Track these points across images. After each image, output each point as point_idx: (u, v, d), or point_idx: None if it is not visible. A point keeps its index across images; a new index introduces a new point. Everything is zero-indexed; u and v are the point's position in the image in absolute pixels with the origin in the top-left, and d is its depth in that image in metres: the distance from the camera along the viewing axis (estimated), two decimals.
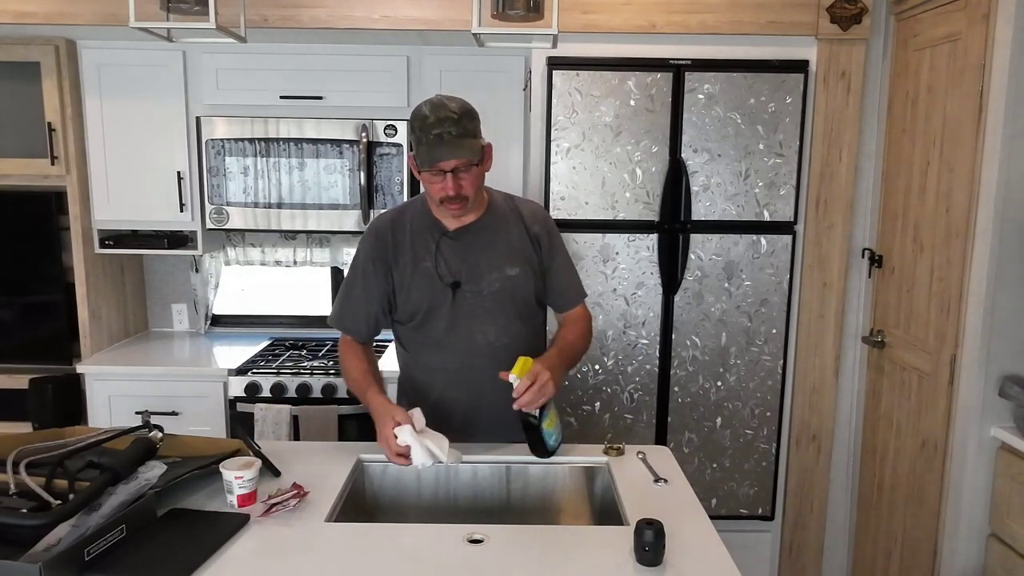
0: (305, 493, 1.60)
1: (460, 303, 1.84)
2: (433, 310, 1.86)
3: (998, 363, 2.11)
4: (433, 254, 1.84)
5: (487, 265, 1.84)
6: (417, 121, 1.70)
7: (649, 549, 1.36)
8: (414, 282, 1.85)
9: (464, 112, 1.70)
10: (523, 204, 1.95)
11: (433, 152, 1.68)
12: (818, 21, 2.57)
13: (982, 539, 2.16)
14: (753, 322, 2.70)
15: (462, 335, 1.86)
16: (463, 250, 1.84)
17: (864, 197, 2.74)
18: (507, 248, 1.86)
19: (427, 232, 1.85)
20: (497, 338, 1.86)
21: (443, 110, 1.68)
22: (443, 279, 1.83)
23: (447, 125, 1.67)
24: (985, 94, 2.09)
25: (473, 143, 1.71)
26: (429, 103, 1.71)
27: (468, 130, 1.70)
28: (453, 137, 1.67)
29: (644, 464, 1.80)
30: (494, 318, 1.86)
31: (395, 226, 1.88)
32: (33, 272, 2.94)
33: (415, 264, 1.85)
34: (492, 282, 1.84)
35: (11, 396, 2.84)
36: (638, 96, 2.58)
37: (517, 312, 1.89)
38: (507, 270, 1.85)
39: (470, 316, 1.85)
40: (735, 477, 2.78)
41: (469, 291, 1.84)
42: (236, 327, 3.43)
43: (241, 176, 2.86)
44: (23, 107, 2.78)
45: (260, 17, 2.58)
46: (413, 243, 1.85)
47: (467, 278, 1.84)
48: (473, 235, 1.85)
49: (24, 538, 1.24)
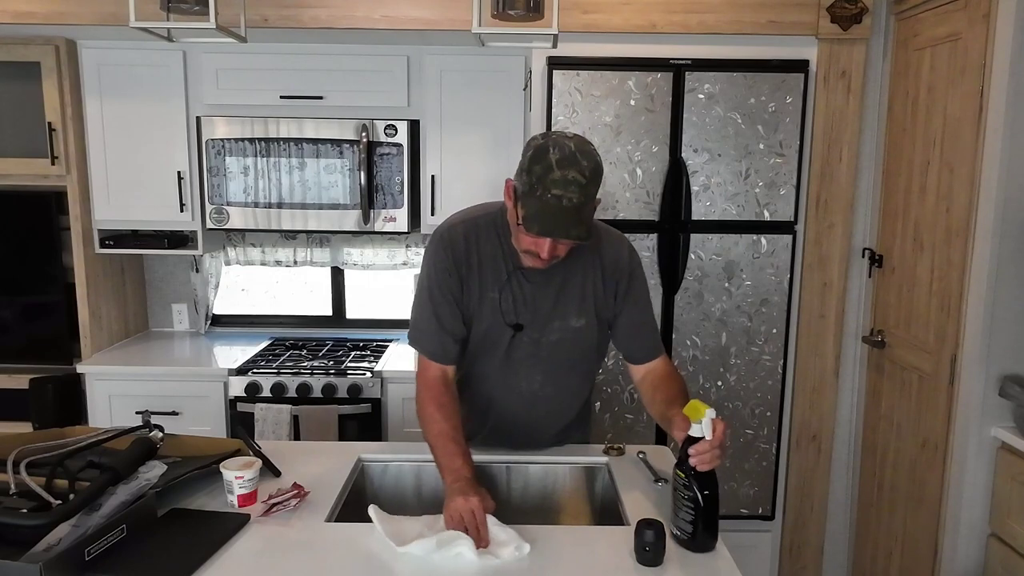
0: (305, 493, 1.60)
1: (517, 346, 1.70)
2: (489, 345, 1.71)
3: (998, 363, 2.10)
4: (501, 287, 1.66)
5: (554, 313, 1.68)
6: (538, 167, 1.45)
7: (649, 549, 1.36)
8: (478, 311, 1.68)
9: (594, 175, 1.47)
10: (606, 242, 1.71)
11: (552, 220, 1.44)
12: (818, 21, 2.56)
13: (982, 539, 2.16)
14: (753, 322, 2.70)
15: (508, 375, 1.74)
16: (532, 291, 1.67)
17: (864, 197, 2.74)
18: (579, 296, 1.68)
19: (500, 260, 1.66)
20: (542, 387, 1.75)
21: (573, 169, 1.43)
22: (506, 317, 1.67)
23: (572, 190, 1.43)
24: (985, 94, 2.09)
25: (591, 213, 1.50)
26: (559, 150, 1.45)
27: (591, 195, 1.47)
28: (574, 206, 1.44)
29: (644, 464, 1.80)
30: (546, 367, 1.73)
31: (469, 243, 1.67)
32: (33, 272, 2.94)
33: (482, 292, 1.67)
34: (553, 331, 1.69)
35: (11, 396, 2.84)
36: (638, 96, 2.58)
37: (573, 365, 1.76)
38: (572, 321, 1.69)
39: (523, 361, 1.72)
40: (735, 477, 2.78)
41: (528, 337, 1.69)
42: (236, 327, 3.43)
43: (241, 176, 2.86)
44: (23, 107, 2.78)
45: (260, 17, 2.58)
46: (483, 267, 1.66)
47: (530, 322, 1.68)
48: (548, 277, 1.66)
49: (24, 538, 1.24)
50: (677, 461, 1.44)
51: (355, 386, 2.77)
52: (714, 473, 1.40)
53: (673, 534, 1.43)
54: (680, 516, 1.42)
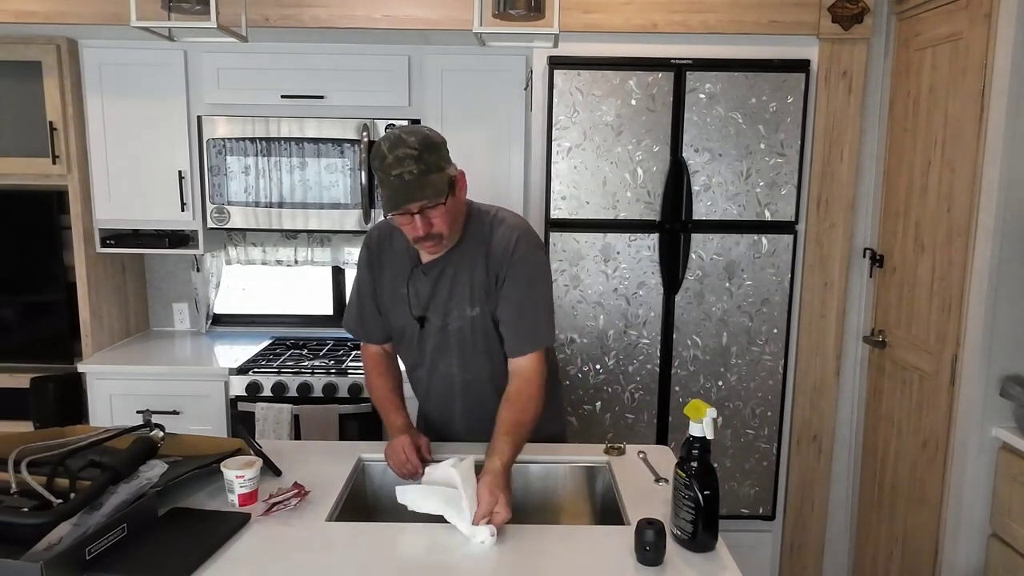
0: (306, 492, 1.60)
1: (427, 336, 1.83)
2: (406, 337, 1.87)
3: (999, 363, 2.10)
4: (406, 283, 1.81)
5: (451, 303, 1.79)
6: (376, 161, 1.60)
7: (650, 549, 1.36)
8: (392, 305, 1.85)
9: (425, 145, 1.59)
10: (499, 229, 1.76)
11: (396, 196, 1.58)
12: (819, 21, 2.56)
13: (983, 539, 2.16)
14: (754, 322, 2.69)
15: (429, 364, 1.86)
16: (431, 285, 1.79)
17: (865, 197, 2.74)
18: (468, 287, 1.77)
19: (407, 259, 1.81)
20: (461, 372, 1.84)
21: (402, 147, 1.57)
22: (412, 310, 1.81)
23: (407, 164, 1.56)
24: (986, 94, 2.08)
25: (438, 179, 1.60)
26: (387, 139, 1.59)
27: (431, 164, 1.59)
28: (415, 176, 1.57)
29: (645, 464, 1.80)
30: (457, 353, 1.82)
31: (383, 243, 1.84)
32: (34, 271, 2.94)
33: (393, 288, 1.83)
34: (455, 320, 1.79)
35: (12, 395, 2.85)
36: (639, 95, 2.58)
37: (482, 349, 1.81)
38: (467, 310, 1.78)
39: (436, 349, 1.84)
40: (736, 477, 2.78)
41: (434, 326, 1.81)
42: (237, 326, 3.43)
43: (242, 175, 2.86)
44: (24, 106, 2.78)
45: (261, 16, 2.58)
46: (395, 266, 1.83)
47: (433, 313, 1.80)
48: (440, 270, 1.78)
49: (25, 537, 1.24)
50: (678, 461, 1.44)
51: (356, 385, 2.77)
52: (715, 473, 1.40)
53: (673, 534, 1.43)
54: (680, 516, 1.42)
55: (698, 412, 1.41)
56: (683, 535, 1.41)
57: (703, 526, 1.39)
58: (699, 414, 1.40)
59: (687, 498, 1.40)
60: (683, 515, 1.41)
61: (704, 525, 1.40)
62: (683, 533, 1.41)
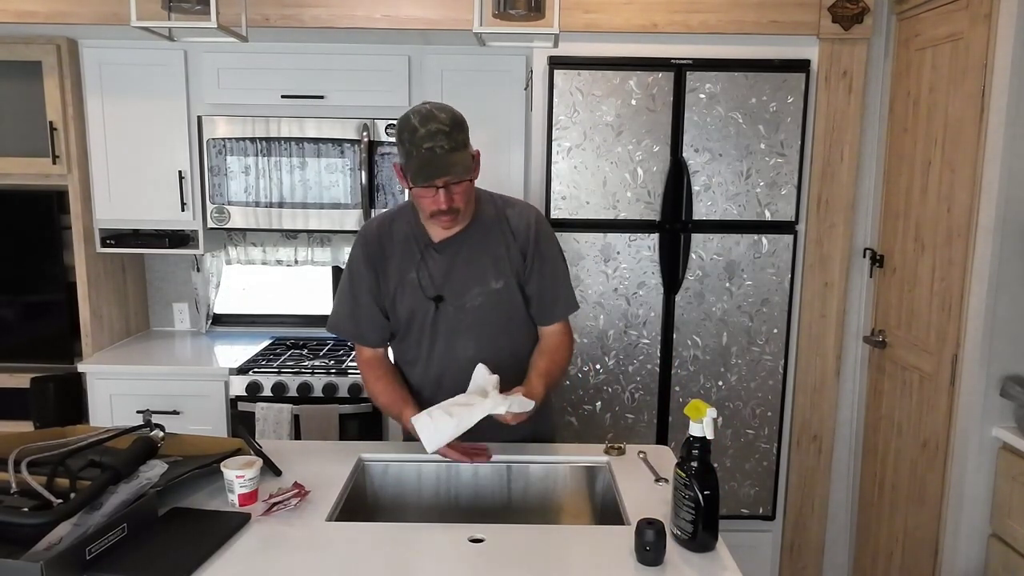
0: (306, 492, 1.60)
1: (442, 317, 1.81)
2: (415, 323, 1.83)
3: (999, 363, 2.10)
4: (416, 266, 1.80)
5: (471, 279, 1.79)
6: (406, 133, 1.62)
7: (650, 549, 1.36)
8: (399, 294, 1.82)
9: (455, 123, 1.63)
10: (512, 209, 1.85)
11: (425, 169, 1.61)
12: (820, 21, 2.56)
13: (983, 539, 2.16)
14: (754, 322, 2.69)
15: (442, 349, 1.83)
16: (447, 263, 1.79)
17: (865, 197, 2.74)
18: (492, 260, 1.80)
19: (413, 242, 1.81)
20: (477, 353, 1.80)
21: (433, 122, 1.60)
22: (426, 292, 1.80)
23: (439, 139, 1.60)
24: (987, 94, 2.09)
25: (465, 156, 1.65)
26: (418, 114, 1.63)
27: (459, 142, 1.63)
28: (446, 152, 1.60)
29: (645, 464, 1.80)
30: (475, 333, 1.82)
31: (382, 234, 1.83)
32: (34, 271, 2.94)
33: (401, 275, 1.81)
34: (475, 296, 1.79)
35: (13, 395, 2.85)
36: (639, 95, 2.58)
37: (502, 326, 1.83)
38: (491, 283, 1.79)
39: (451, 331, 1.82)
40: (736, 477, 2.78)
41: (452, 305, 1.80)
42: (237, 326, 3.43)
43: (242, 175, 2.87)
44: (24, 106, 2.78)
45: (261, 16, 2.58)
46: (400, 253, 1.81)
47: (450, 292, 1.80)
48: (457, 247, 1.79)
49: (25, 537, 1.24)
50: (678, 461, 1.44)
51: (356, 385, 2.77)
52: (715, 473, 1.41)
53: (673, 534, 1.43)
54: (681, 516, 1.42)
55: (698, 412, 1.41)
56: (683, 535, 1.41)
57: (703, 526, 1.39)
58: (699, 414, 1.40)
59: (687, 498, 1.40)
60: (683, 515, 1.41)
61: (704, 525, 1.40)
62: (683, 533, 1.41)
